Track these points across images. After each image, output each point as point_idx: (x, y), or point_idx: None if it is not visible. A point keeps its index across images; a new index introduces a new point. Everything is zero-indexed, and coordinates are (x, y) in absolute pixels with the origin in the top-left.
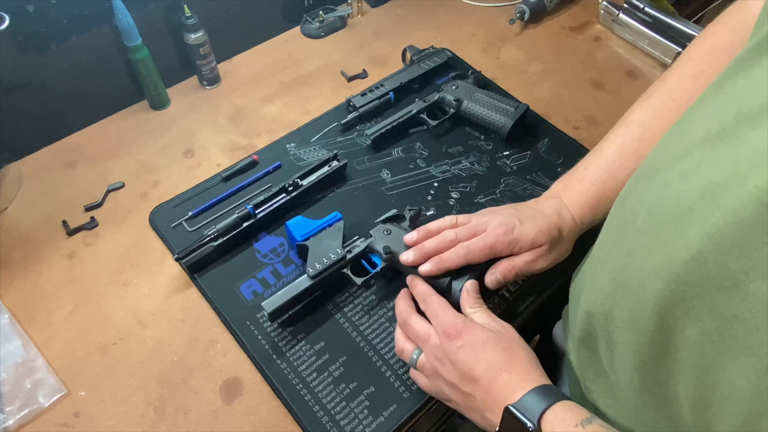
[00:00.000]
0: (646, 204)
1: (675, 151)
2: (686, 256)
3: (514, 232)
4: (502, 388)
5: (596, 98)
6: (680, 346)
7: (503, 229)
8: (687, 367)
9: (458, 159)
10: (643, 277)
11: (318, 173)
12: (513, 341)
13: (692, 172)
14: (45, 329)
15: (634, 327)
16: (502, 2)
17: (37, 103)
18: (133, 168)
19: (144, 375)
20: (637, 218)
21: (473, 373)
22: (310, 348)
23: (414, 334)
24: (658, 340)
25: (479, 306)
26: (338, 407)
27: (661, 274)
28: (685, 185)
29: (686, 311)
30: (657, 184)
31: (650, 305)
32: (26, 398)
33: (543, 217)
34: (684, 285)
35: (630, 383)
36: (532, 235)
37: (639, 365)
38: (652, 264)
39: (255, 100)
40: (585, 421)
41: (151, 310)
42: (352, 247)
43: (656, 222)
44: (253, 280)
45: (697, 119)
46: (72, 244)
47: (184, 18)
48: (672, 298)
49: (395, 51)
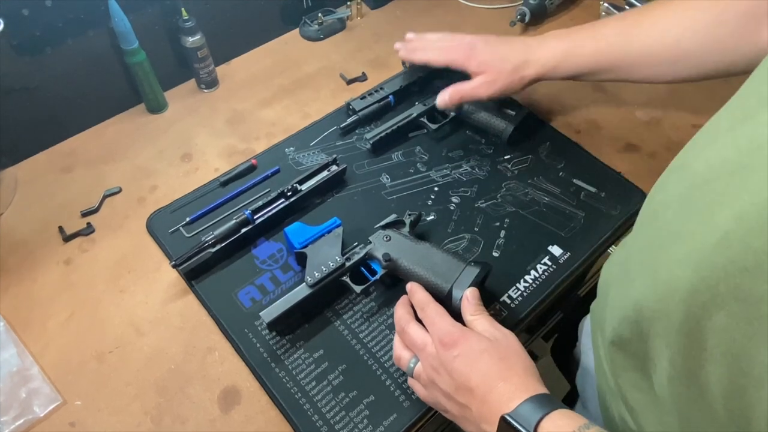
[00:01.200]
0: (676, 195)
1: (702, 143)
2: (713, 240)
3: (472, 51)
4: (498, 398)
5: (597, 101)
6: (708, 335)
7: (464, 47)
8: (718, 356)
9: (459, 163)
10: (673, 266)
11: (317, 178)
12: (510, 350)
13: (717, 158)
14: (40, 337)
15: (665, 317)
16: (503, 4)
17: (32, 107)
18: (130, 173)
19: (141, 384)
20: (668, 210)
21: (469, 384)
22: (308, 356)
23: (411, 342)
24: (687, 329)
25: (480, 313)
26: (337, 416)
27: (689, 260)
28: (712, 172)
29: (712, 298)
30: (685, 175)
31: (678, 294)
32: (21, 408)
33: (507, 49)
34: (710, 270)
35: (662, 375)
36: (484, 58)
37: (670, 356)
38: (683, 252)
39: (253, 104)
40: (583, 427)
41: (148, 317)
42: (351, 255)
43: (686, 211)
44: (252, 287)
45: (723, 113)
46: (68, 250)
47: (181, 21)
48: (698, 285)
49: (395, 53)
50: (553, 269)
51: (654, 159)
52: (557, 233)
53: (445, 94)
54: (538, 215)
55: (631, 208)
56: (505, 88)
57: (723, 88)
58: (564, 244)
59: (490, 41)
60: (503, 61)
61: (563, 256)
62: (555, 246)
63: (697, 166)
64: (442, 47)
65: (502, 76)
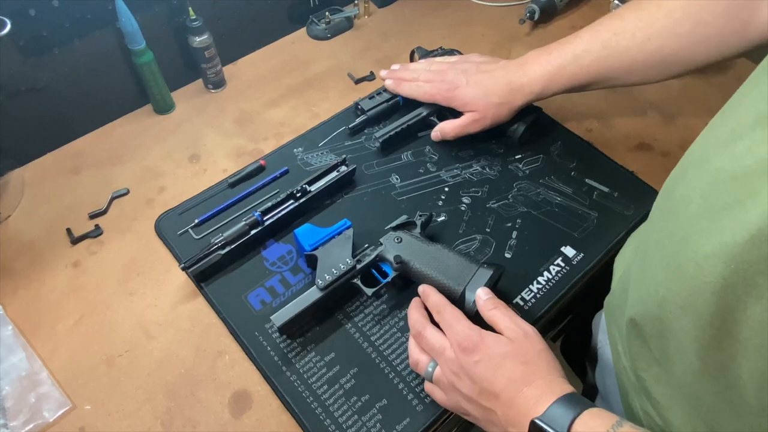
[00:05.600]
0: (698, 190)
1: (723, 138)
2: (746, 235)
3: (455, 91)
4: (525, 402)
5: (609, 100)
6: (742, 327)
7: (447, 86)
8: (751, 348)
9: (469, 163)
10: (701, 260)
11: (326, 179)
12: (533, 350)
13: (745, 154)
14: (49, 341)
15: (692, 311)
16: (512, 2)
17: (39, 108)
18: (138, 174)
19: (151, 388)
20: (690, 204)
21: (493, 389)
22: (320, 359)
23: (429, 346)
24: (718, 322)
25: (497, 306)
26: (350, 421)
27: (721, 255)
28: (739, 168)
29: (748, 290)
30: (708, 170)
31: (709, 287)
32: (31, 413)
33: (491, 83)
34: (745, 264)
35: (689, 369)
36: (468, 98)
37: (698, 349)
38: (711, 246)
39: (261, 104)
40: (616, 425)
41: (157, 320)
42: (362, 257)
43: (713, 206)
44: (261, 289)
45: (744, 106)
46: (76, 252)
47: (188, 21)
48: (732, 278)
49: (403, 52)
50: (567, 270)
51: (667, 158)
52: (570, 234)
53: (437, 132)
54: (551, 215)
55: (645, 207)
56: (494, 122)
57: (736, 85)
58: (577, 245)
59: (472, 74)
60: (488, 95)
61: (577, 257)
62: (568, 247)
63: (721, 163)
64: (427, 82)
65: (489, 112)
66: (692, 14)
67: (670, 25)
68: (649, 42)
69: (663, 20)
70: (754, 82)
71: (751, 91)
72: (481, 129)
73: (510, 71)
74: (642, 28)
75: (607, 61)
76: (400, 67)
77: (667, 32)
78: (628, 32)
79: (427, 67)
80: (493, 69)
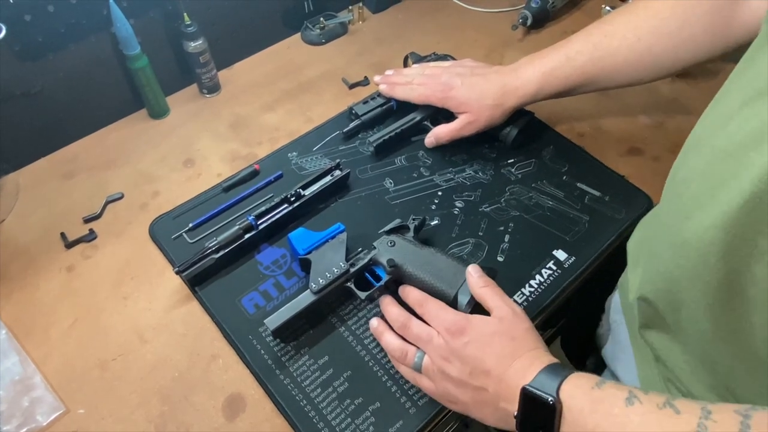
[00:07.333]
0: (697, 171)
1: (717, 122)
2: (741, 201)
3: (450, 92)
4: (515, 374)
5: (600, 105)
6: (749, 286)
7: (441, 87)
8: (760, 304)
9: (462, 167)
10: (702, 233)
11: (320, 183)
12: (520, 327)
13: (737, 131)
14: (43, 344)
15: (700, 281)
16: (505, 8)
17: (34, 112)
18: (133, 178)
19: (144, 392)
20: (691, 184)
21: (484, 366)
22: (313, 362)
23: (415, 336)
24: (726, 285)
25: (488, 284)
26: (343, 424)
27: (720, 224)
28: (732, 145)
29: (749, 251)
30: (705, 151)
31: (713, 256)
32: (24, 417)
33: (485, 85)
34: (744, 227)
35: (703, 337)
36: (463, 99)
37: (710, 317)
38: (711, 218)
39: (256, 108)
40: (600, 382)
41: (151, 324)
42: (355, 260)
43: (710, 182)
44: (255, 293)
45: (732, 92)
46: (70, 256)
47: (183, 26)
48: (734, 242)
49: (397, 57)
50: (559, 273)
51: (658, 162)
52: (562, 237)
53: (432, 138)
54: (543, 219)
55: (636, 211)
56: (488, 125)
57: None
58: (569, 249)
59: (466, 77)
60: (482, 98)
61: (568, 261)
62: (560, 250)
63: (716, 142)
64: (421, 85)
65: (483, 115)
66: (679, 14)
67: (658, 25)
68: (639, 42)
69: (651, 20)
70: (739, 71)
71: (738, 79)
72: (476, 131)
73: (504, 75)
74: (631, 29)
75: (600, 62)
76: (394, 72)
77: (655, 32)
78: (618, 33)
79: (421, 71)
80: (487, 72)
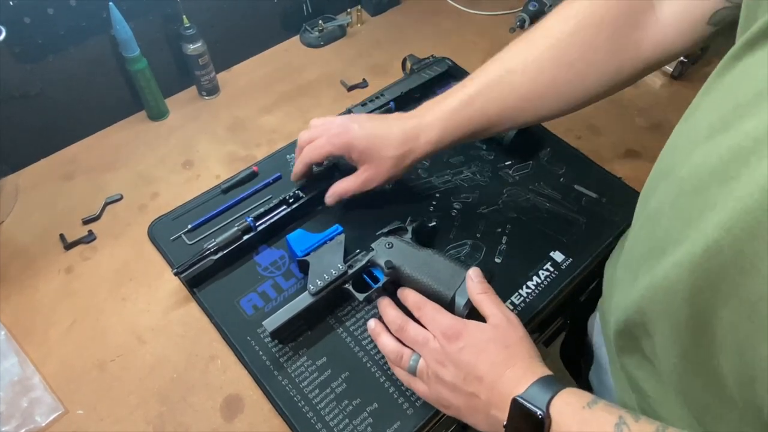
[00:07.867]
0: (667, 203)
1: (684, 148)
2: (704, 246)
3: (346, 136)
4: (507, 383)
5: (597, 107)
6: (716, 327)
7: (335, 131)
8: (726, 347)
9: (460, 169)
10: (669, 270)
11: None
12: (515, 336)
13: (702, 165)
14: (42, 346)
15: (670, 316)
16: (503, 11)
17: (34, 114)
18: (132, 180)
19: (143, 392)
20: (662, 218)
21: (477, 372)
22: (311, 363)
23: (411, 339)
24: (693, 324)
25: (487, 291)
26: (341, 425)
27: (685, 264)
28: (699, 180)
29: (715, 294)
30: (673, 181)
31: (680, 294)
32: (23, 418)
33: (385, 130)
34: (707, 272)
35: (675, 368)
36: (362, 146)
37: (680, 351)
38: (677, 256)
39: (254, 111)
40: (591, 402)
41: (150, 325)
42: (353, 262)
43: (679, 218)
44: (254, 294)
45: (700, 114)
46: (69, 258)
47: (182, 28)
48: (698, 284)
49: (395, 60)
50: (556, 275)
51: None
52: (559, 239)
53: (330, 198)
54: (540, 221)
55: (633, 213)
56: (390, 178)
57: None
58: (566, 250)
59: (363, 121)
60: (383, 147)
61: (565, 262)
62: (557, 252)
63: (683, 173)
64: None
65: (384, 167)
66: (578, 42)
67: (558, 55)
68: (542, 75)
69: (551, 51)
70: (706, 89)
71: (706, 101)
72: (378, 186)
73: (403, 120)
74: (532, 61)
75: (503, 102)
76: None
77: (556, 62)
78: (518, 67)
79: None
80: (385, 117)
